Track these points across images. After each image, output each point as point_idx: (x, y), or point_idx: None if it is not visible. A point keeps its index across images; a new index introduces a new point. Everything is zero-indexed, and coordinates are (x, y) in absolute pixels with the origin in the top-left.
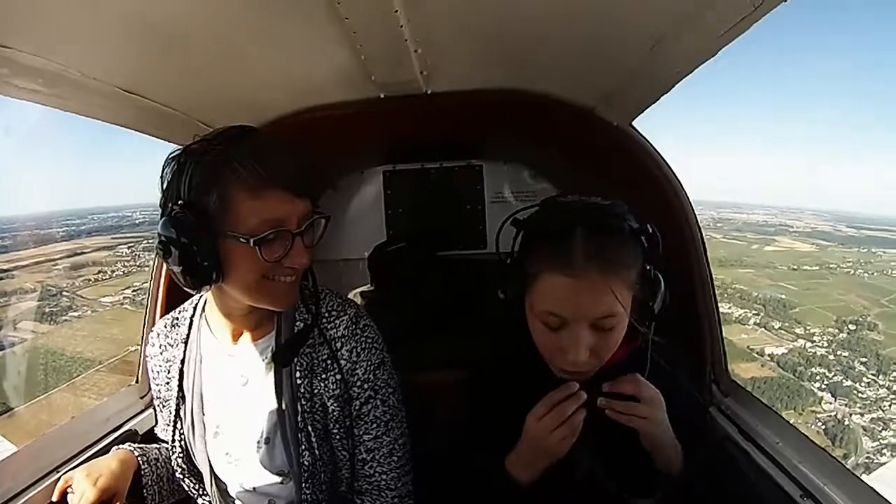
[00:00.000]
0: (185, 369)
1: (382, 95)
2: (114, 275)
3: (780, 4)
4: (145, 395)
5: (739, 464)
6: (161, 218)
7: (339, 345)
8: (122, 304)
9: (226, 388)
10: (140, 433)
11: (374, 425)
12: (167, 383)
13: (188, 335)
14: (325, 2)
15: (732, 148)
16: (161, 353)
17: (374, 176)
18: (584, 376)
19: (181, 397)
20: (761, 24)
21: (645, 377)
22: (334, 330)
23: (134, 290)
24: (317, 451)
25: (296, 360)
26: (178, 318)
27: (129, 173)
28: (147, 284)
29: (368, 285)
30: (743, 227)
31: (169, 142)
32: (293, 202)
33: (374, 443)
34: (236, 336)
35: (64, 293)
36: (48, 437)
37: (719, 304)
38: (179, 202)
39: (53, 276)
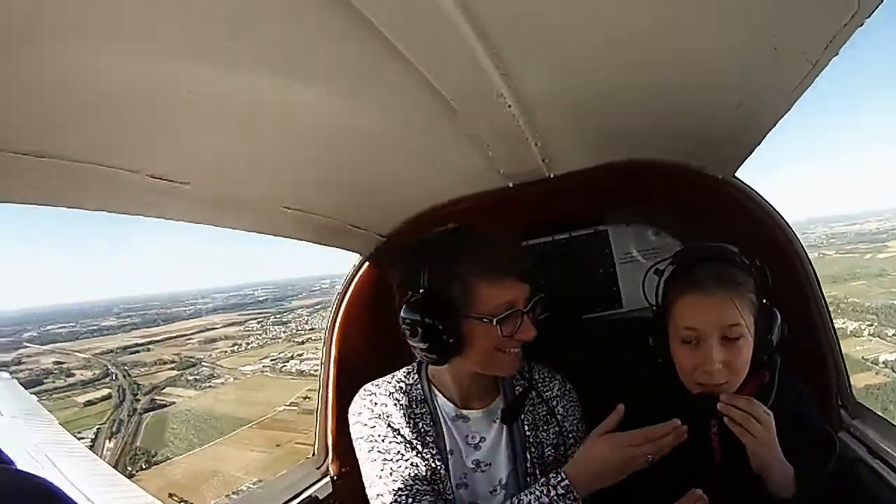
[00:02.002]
0: (435, 428)
1: (511, 185)
2: (248, 347)
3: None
4: (321, 466)
5: (872, 485)
6: (402, 304)
7: (554, 403)
8: (262, 371)
9: (463, 444)
10: (320, 499)
11: None
12: (416, 437)
13: (425, 398)
14: (452, 116)
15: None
16: (398, 410)
17: None
18: (720, 389)
19: (437, 451)
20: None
21: (770, 407)
22: (549, 391)
23: (272, 360)
24: None
25: (521, 416)
26: (400, 385)
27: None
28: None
29: None
30: (855, 238)
31: (314, 243)
32: (522, 287)
33: None
34: (467, 399)
35: (203, 363)
36: (237, 502)
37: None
38: (421, 290)
39: (188, 349)
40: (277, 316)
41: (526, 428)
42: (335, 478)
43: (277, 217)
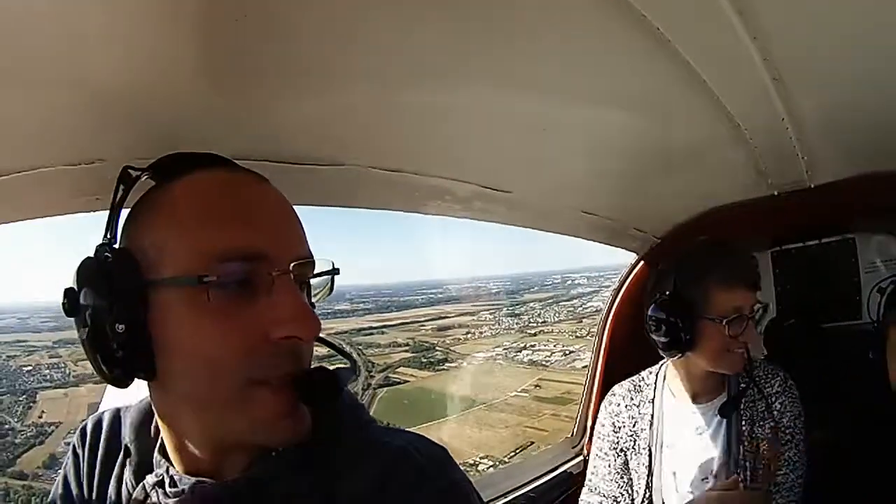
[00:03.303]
0: (653, 424)
1: (776, 193)
2: (482, 335)
3: None
4: (576, 446)
5: None
6: (650, 303)
7: (773, 399)
8: (494, 359)
9: (684, 438)
10: (573, 474)
11: (786, 464)
12: (631, 435)
13: (654, 397)
14: (738, 136)
15: None
16: (626, 410)
17: (763, 258)
18: None
19: (648, 446)
20: None
21: None
22: (769, 388)
23: (504, 349)
24: (748, 484)
25: (741, 411)
26: (639, 384)
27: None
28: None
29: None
30: None
31: (602, 243)
32: (750, 294)
33: (783, 478)
34: (694, 396)
35: (437, 348)
36: (502, 471)
37: None
38: (667, 293)
39: (422, 334)
40: (510, 308)
41: (743, 422)
42: (587, 458)
43: (576, 220)
